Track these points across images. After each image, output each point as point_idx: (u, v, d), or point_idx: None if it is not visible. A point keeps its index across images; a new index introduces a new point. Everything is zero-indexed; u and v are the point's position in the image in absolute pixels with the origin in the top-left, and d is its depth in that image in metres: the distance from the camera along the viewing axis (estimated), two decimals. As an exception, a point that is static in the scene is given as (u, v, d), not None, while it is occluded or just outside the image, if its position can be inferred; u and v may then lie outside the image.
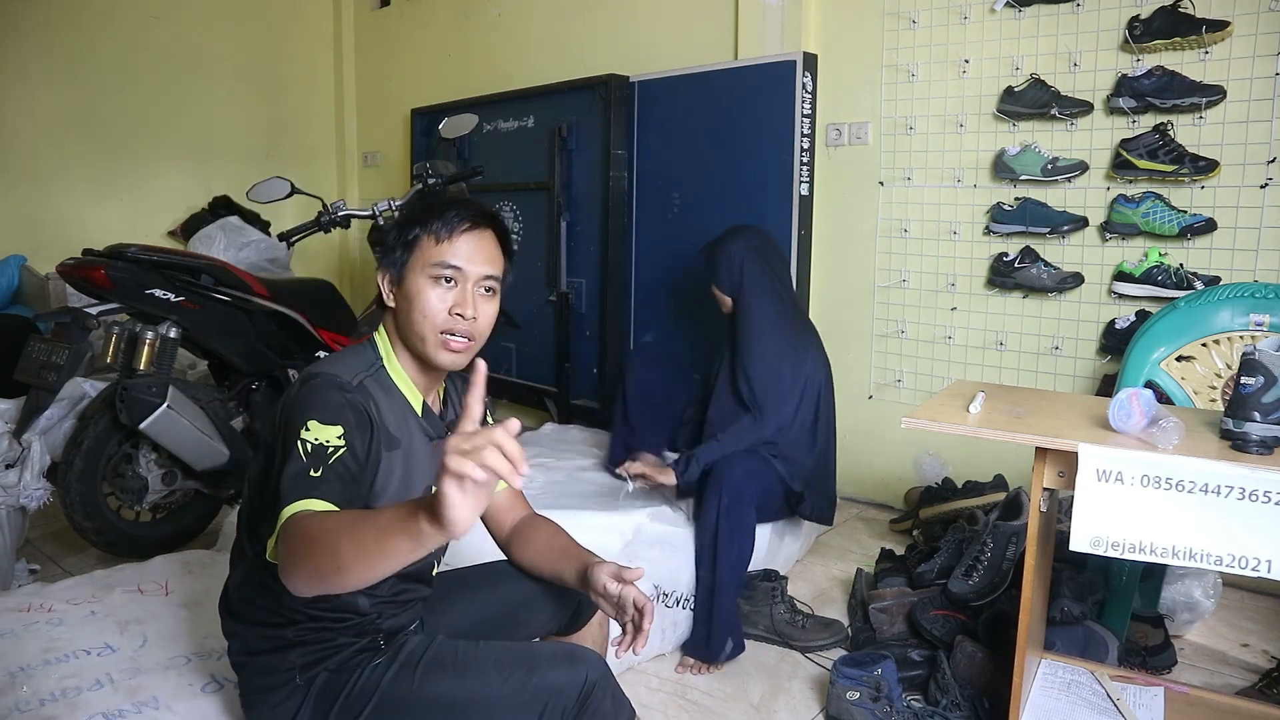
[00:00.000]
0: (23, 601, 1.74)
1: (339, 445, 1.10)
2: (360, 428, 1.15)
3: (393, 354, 1.27)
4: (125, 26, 4.19)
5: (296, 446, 1.09)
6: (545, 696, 1.18)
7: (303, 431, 1.09)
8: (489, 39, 4.26)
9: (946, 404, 1.63)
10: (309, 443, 1.09)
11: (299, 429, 1.10)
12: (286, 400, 1.18)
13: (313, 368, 1.21)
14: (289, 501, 1.05)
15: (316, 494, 1.05)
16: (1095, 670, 1.76)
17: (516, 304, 3.37)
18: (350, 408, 1.14)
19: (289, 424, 1.12)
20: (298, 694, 1.21)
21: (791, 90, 3.02)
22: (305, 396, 1.14)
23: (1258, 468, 1.26)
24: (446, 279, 1.23)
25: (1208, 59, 2.37)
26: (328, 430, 1.10)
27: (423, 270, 1.23)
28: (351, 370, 1.21)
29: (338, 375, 1.18)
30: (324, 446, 1.09)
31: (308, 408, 1.12)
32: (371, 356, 1.26)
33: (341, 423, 1.12)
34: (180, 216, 4.38)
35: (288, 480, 1.07)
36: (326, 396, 1.14)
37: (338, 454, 1.09)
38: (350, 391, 1.16)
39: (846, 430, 3.20)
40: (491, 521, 1.48)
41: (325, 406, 1.13)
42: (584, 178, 3.56)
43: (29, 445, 2.28)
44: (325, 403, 1.13)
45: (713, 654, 2.02)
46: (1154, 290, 2.46)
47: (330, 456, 1.09)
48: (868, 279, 3.09)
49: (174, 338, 2.35)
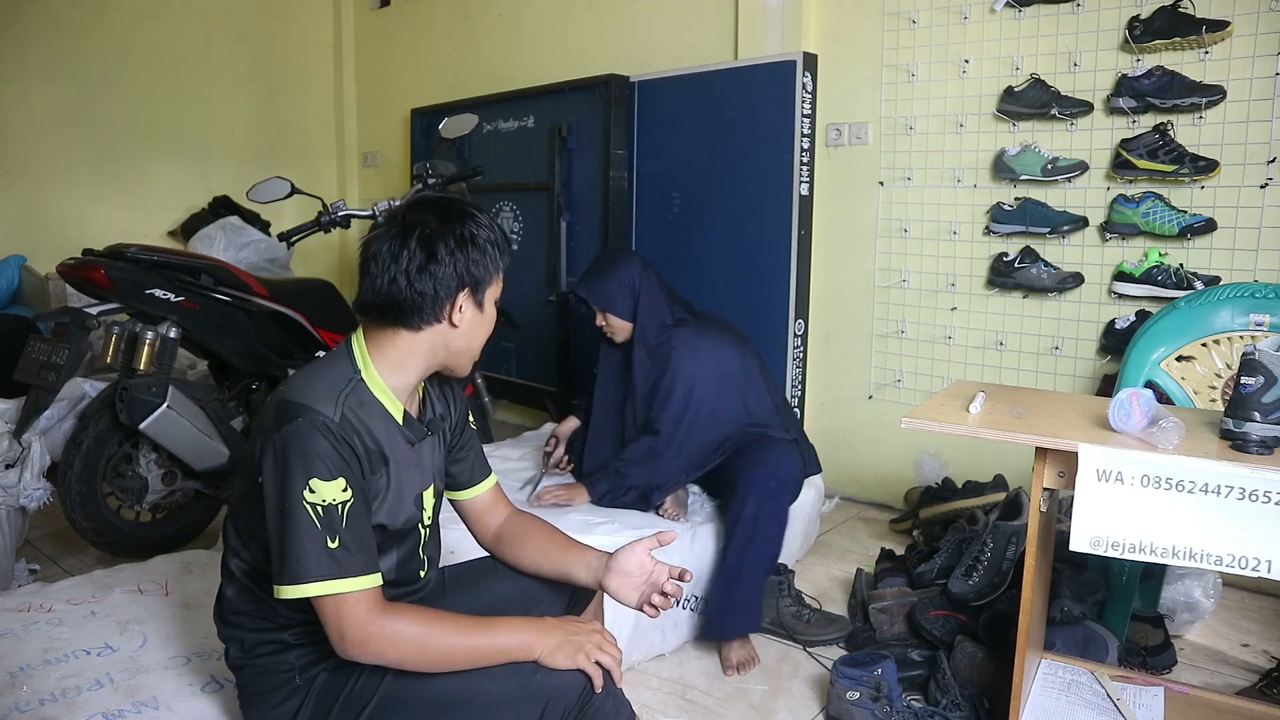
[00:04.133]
0: (23, 601, 1.74)
1: (345, 500, 1.10)
2: (354, 466, 1.14)
3: (370, 364, 1.21)
4: (124, 26, 4.19)
5: (304, 510, 1.07)
6: (546, 695, 1.18)
7: (306, 494, 1.07)
8: (489, 39, 4.26)
9: (946, 404, 1.63)
10: (317, 506, 1.08)
11: (299, 490, 1.07)
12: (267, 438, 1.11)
13: (288, 393, 1.14)
14: (314, 578, 1.08)
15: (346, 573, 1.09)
16: (1095, 670, 1.76)
17: (516, 304, 3.37)
18: (339, 452, 1.11)
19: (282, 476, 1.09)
20: (297, 694, 1.21)
21: (791, 90, 3.02)
22: (294, 446, 1.09)
23: (1258, 468, 1.25)
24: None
25: (1208, 59, 2.37)
26: (331, 487, 1.09)
27: (492, 297, 1.25)
28: (329, 393, 1.14)
29: (317, 411, 1.11)
30: (333, 507, 1.09)
31: (302, 463, 1.08)
32: (348, 370, 1.19)
33: (341, 473, 1.10)
34: (180, 216, 4.38)
35: (302, 550, 1.07)
36: (316, 446, 1.09)
37: (346, 509, 1.10)
38: (334, 431, 1.11)
39: (847, 430, 3.21)
40: (476, 523, 1.46)
41: (319, 459, 1.09)
42: (584, 178, 3.56)
43: (29, 445, 2.27)
44: (317, 454, 1.09)
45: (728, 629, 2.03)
46: (1154, 290, 2.46)
47: (342, 517, 1.09)
48: (868, 279, 3.09)
49: (174, 338, 2.35)
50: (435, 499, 1.35)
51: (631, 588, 1.31)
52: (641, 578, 1.31)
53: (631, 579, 1.31)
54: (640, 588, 1.31)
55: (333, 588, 1.08)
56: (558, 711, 1.18)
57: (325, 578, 1.08)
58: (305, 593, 1.08)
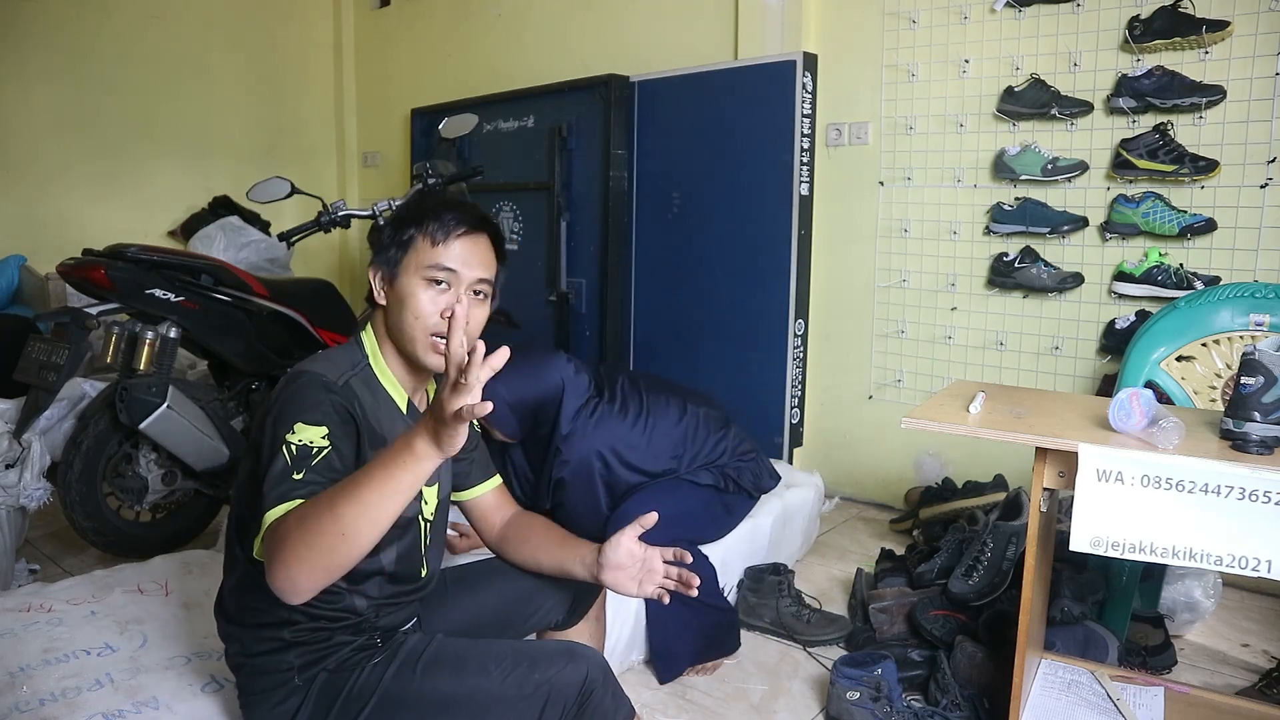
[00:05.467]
0: (23, 601, 1.74)
1: (323, 446, 1.10)
2: (345, 426, 1.15)
3: (379, 353, 1.27)
4: (125, 26, 4.19)
5: (281, 449, 1.08)
6: (546, 693, 1.18)
7: (288, 434, 1.09)
8: (489, 39, 4.26)
9: (946, 404, 1.63)
10: (293, 444, 1.09)
11: (284, 431, 1.10)
12: (272, 399, 1.17)
13: (299, 366, 1.21)
14: (271, 505, 1.05)
15: (298, 495, 1.05)
16: (1095, 670, 1.76)
17: (516, 304, 3.37)
18: (334, 407, 1.14)
19: (275, 423, 1.12)
20: (297, 694, 1.21)
21: (791, 90, 3.02)
22: (290, 396, 1.14)
23: (1258, 468, 1.25)
24: (439, 282, 1.23)
25: (1208, 59, 2.37)
26: (312, 431, 1.10)
27: (416, 272, 1.23)
28: (337, 369, 1.21)
29: (323, 374, 1.17)
30: (308, 448, 1.09)
31: (292, 408, 1.12)
32: (358, 355, 1.26)
33: (326, 423, 1.11)
34: (180, 216, 4.38)
35: (270, 482, 1.07)
36: (311, 396, 1.13)
37: (321, 454, 1.09)
38: (334, 391, 1.16)
39: (847, 430, 3.22)
40: (481, 523, 1.48)
41: (310, 406, 1.12)
42: (584, 178, 3.56)
43: (29, 445, 2.27)
44: (310, 403, 1.13)
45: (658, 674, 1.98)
46: (1154, 290, 2.46)
47: (314, 458, 1.08)
48: (868, 279, 3.09)
49: (174, 338, 2.35)
50: (438, 497, 1.35)
51: (628, 578, 1.32)
52: (634, 567, 1.32)
53: (625, 570, 1.32)
54: (637, 576, 1.32)
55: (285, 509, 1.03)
56: (557, 709, 1.18)
57: (279, 503, 1.04)
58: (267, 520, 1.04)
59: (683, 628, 1.98)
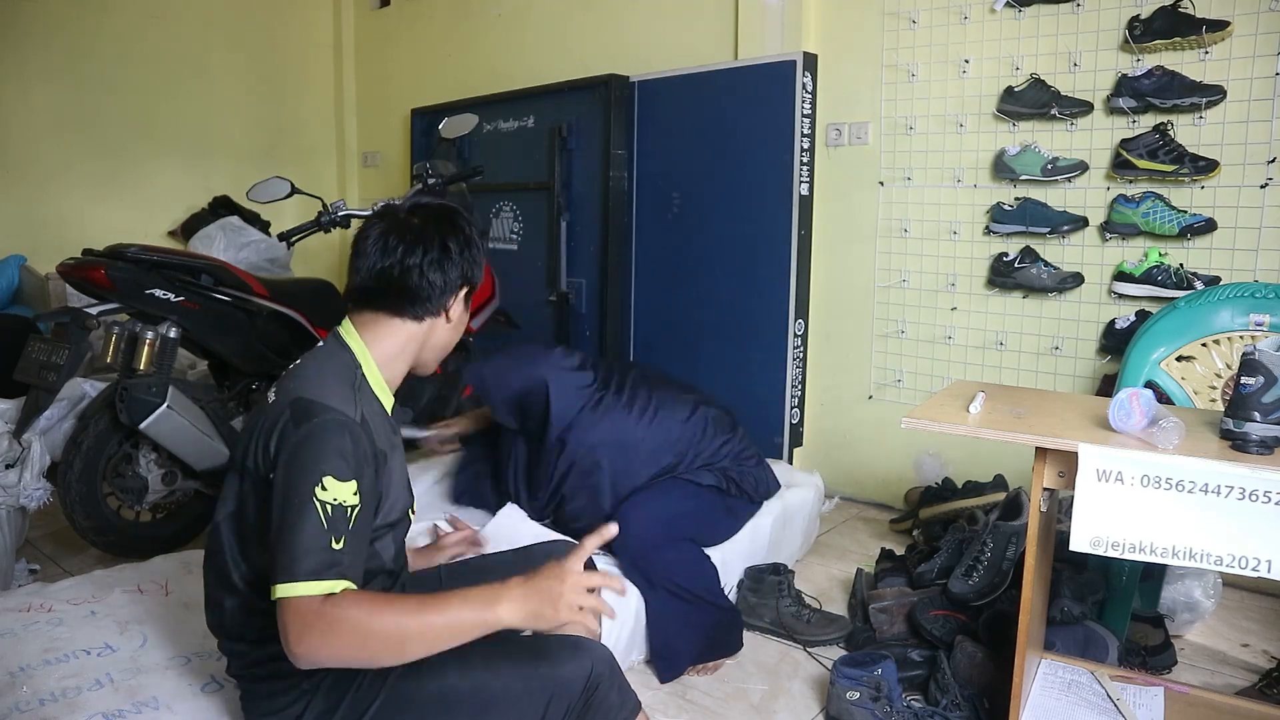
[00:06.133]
0: (23, 601, 1.74)
1: (355, 504, 1.08)
2: (369, 469, 1.12)
3: (369, 355, 1.24)
4: (124, 26, 4.19)
5: (313, 506, 1.04)
6: (551, 688, 1.18)
7: (318, 490, 1.05)
8: (489, 39, 4.26)
9: (946, 404, 1.63)
10: (328, 505, 1.05)
11: (312, 485, 1.05)
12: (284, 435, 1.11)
13: (303, 391, 1.14)
14: (313, 576, 1.02)
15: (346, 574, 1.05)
16: (1095, 670, 1.76)
17: (516, 304, 3.37)
18: (359, 452, 1.11)
19: (296, 471, 1.07)
20: (304, 697, 1.21)
21: (791, 90, 3.02)
22: (314, 442, 1.08)
23: (1258, 468, 1.25)
24: None
25: (1208, 59, 2.37)
26: (344, 488, 1.07)
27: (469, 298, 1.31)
28: (344, 390, 1.16)
29: (340, 411, 1.12)
30: (343, 508, 1.06)
31: (317, 457, 1.07)
32: (350, 361, 1.22)
33: (355, 476, 1.08)
34: (180, 216, 4.38)
35: (306, 546, 1.03)
36: (339, 444, 1.09)
37: (355, 514, 1.07)
38: (358, 433, 1.12)
39: (847, 430, 3.21)
40: None
41: (335, 455, 1.08)
42: (584, 178, 3.56)
43: (29, 445, 2.27)
44: (334, 450, 1.08)
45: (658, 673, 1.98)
46: (1154, 290, 2.46)
47: (350, 520, 1.07)
48: (868, 279, 3.09)
49: (174, 338, 2.35)
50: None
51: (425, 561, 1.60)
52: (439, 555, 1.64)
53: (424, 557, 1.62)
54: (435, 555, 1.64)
55: (328, 587, 1.04)
56: (562, 706, 1.19)
57: (325, 577, 1.03)
58: (302, 590, 1.02)
59: (684, 626, 1.98)
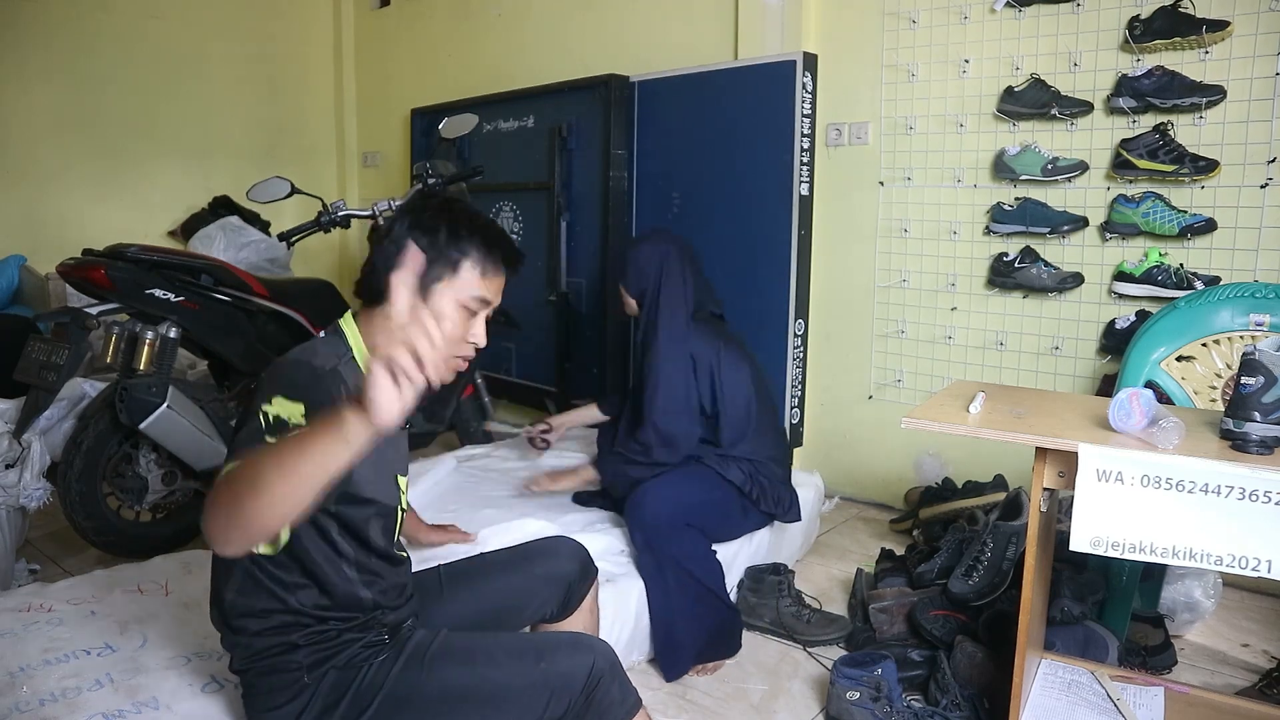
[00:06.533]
0: (23, 601, 1.74)
1: (299, 423, 1.08)
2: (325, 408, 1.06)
3: (363, 345, 1.26)
4: (124, 25, 4.19)
5: (258, 417, 1.07)
6: (552, 683, 1.19)
7: (265, 405, 1.08)
8: (489, 39, 4.26)
9: (946, 404, 1.63)
10: (269, 414, 1.07)
11: (261, 401, 1.09)
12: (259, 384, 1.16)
13: (288, 354, 1.20)
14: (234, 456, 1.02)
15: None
16: (1095, 670, 1.76)
17: (517, 304, 3.36)
18: (317, 388, 1.12)
19: (255, 397, 1.11)
20: (305, 693, 1.21)
21: (791, 90, 3.01)
22: (274, 374, 1.14)
23: (1258, 468, 1.25)
24: (474, 311, 1.26)
25: (1208, 59, 2.37)
26: (291, 406, 1.09)
27: (456, 296, 1.24)
28: (323, 356, 1.20)
29: (309, 360, 1.17)
30: (285, 421, 1.07)
31: (274, 384, 1.12)
32: (341, 348, 1.24)
33: (305, 401, 1.09)
34: (180, 216, 4.38)
35: (240, 441, 1.06)
36: (295, 375, 1.13)
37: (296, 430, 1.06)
38: (321, 375, 1.15)
39: (847, 430, 3.21)
40: None
41: (292, 384, 1.11)
42: (584, 178, 3.56)
43: (29, 445, 2.27)
44: (292, 380, 1.12)
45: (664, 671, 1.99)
46: (1154, 290, 2.46)
47: (289, 431, 1.06)
48: (868, 279, 3.09)
49: (174, 338, 2.35)
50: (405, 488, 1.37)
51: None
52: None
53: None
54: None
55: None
56: (563, 702, 1.19)
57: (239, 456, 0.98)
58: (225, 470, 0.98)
59: (688, 618, 1.98)
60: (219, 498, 0.94)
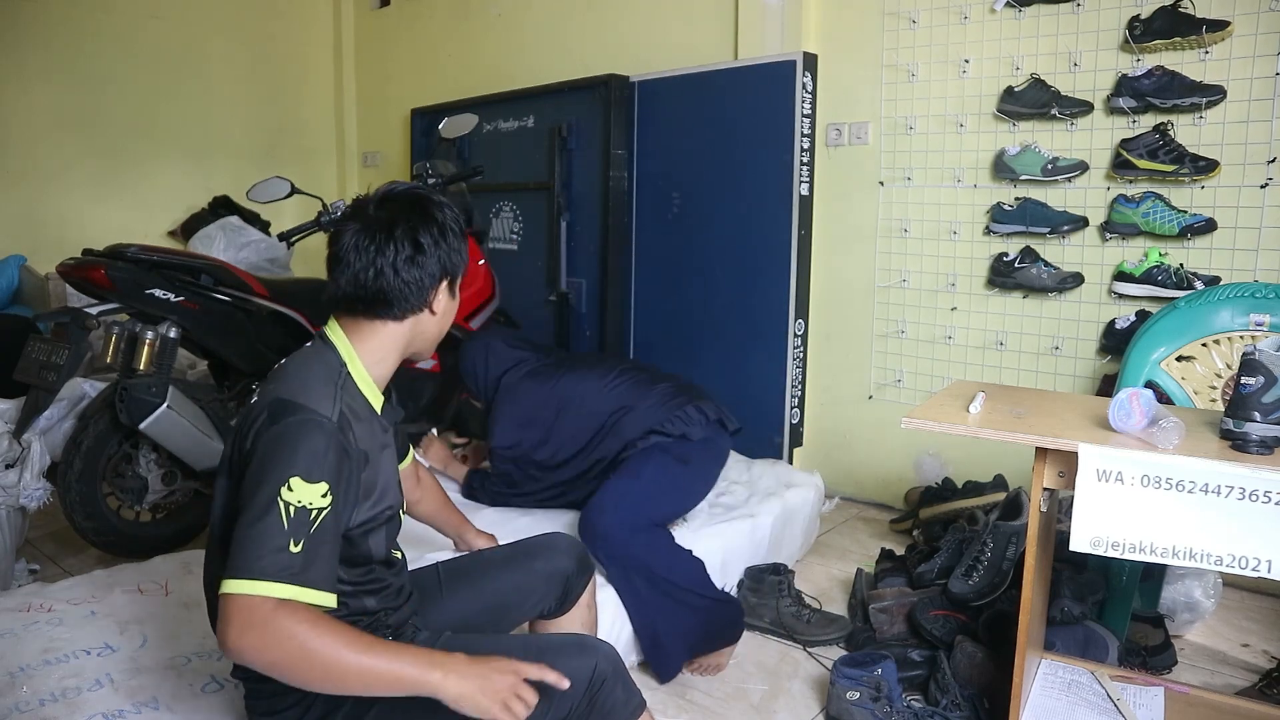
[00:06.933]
0: (23, 601, 1.74)
1: (322, 507, 1.05)
2: (343, 471, 1.10)
3: (355, 355, 1.21)
4: (125, 26, 4.19)
5: (277, 507, 1.02)
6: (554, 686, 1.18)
7: (284, 491, 1.03)
8: (489, 39, 4.26)
9: (946, 404, 1.63)
10: (291, 505, 1.03)
11: (279, 485, 1.03)
12: (259, 432, 1.09)
13: (282, 392, 1.13)
14: (266, 576, 1.00)
15: (302, 580, 1.02)
16: (1095, 670, 1.76)
17: (516, 304, 3.37)
18: (333, 455, 1.08)
19: (268, 468, 1.05)
20: (307, 696, 1.21)
21: (791, 90, 3.01)
22: (286, 441, 1.07)
23: (1258, 468, 1.25)
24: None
25: (1208, 59, 2.37)
26: (311, 490, 1.04)
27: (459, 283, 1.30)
28: (324, 389, 1.14)
29: (316, 411, 1.10)
30: (306, 511, 1.03)
31: (290, 459, 1.05)
32: (335, 361, 1.20)
33: (326, 479, 1.06)
34: (180, 216, 4.38)
35: (264, 544, 1.01)
36: (310, 445, 1.07)
37: (320, 517, 1.05)
38: (330, 432, 1.09)
39: (847, 430, 3.21)
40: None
41: (309, 458, 1.05)
42: (584, 178, 3.56)
43: (29, 445, 2.27)
44: (309, 453, 1.06)
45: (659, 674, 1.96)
46: (1154, 290, 2.46)
47: (313, 523, 1.04)
48: (868, 279, 3.09)
49: (174, 338, 2.35)
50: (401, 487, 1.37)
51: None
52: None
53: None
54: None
55: (283, 591, 1.00)
56: (566, 702, 1.19)
57: (275, 579, 1.00)
58: (255, 590, 0.99)
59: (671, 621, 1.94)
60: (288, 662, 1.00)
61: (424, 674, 1.04)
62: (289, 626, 0.99)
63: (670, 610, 1.94)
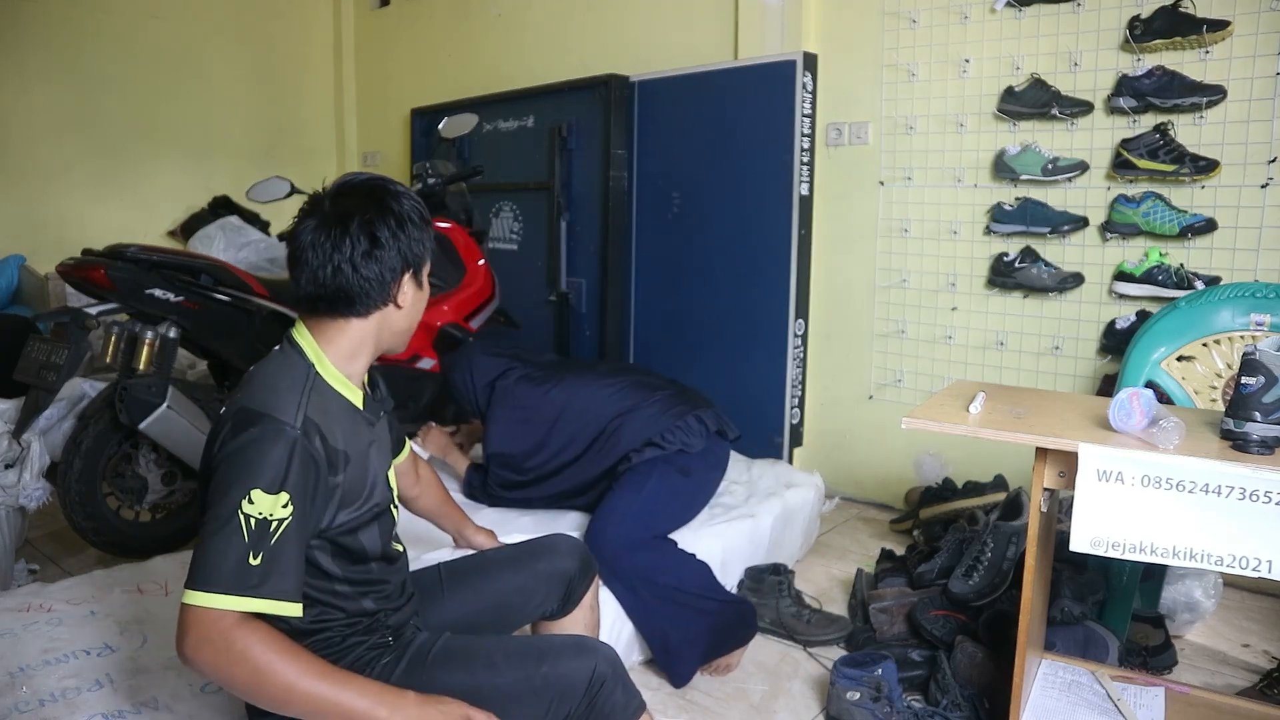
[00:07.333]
0: (23, 601, 1.74)
1: (283, 517, 1.04)
2: (306, 478, 1.08)
3: (323, 355, 1.19)
4: (124, 26, 4.19)
5: (238, 518, 1.01)
6: (554, 686, 1.19)
7: (244, 503, 1.02)
8: (489, 39, 4.26)
9: (946, 404, 1.63)
10: (252, 517, 1.02)
11: (240, 496, 1.02)
12: (224, 443, 1.08)
13: (246, 400, 1.11)
14: (225, 589, 1.00)
15: (262, 593, 1.02)
16: (1096, 670, 1.76)
17: (516, 304, 3.37)
18: (297, 463, 1.06)
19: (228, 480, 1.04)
20: None
21: (791, 90, 3.02)
22: (246, 453, 1.05)
23: (1258, 468, 1.25)
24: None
25: (1208, 59, 2.37)
26: (272, 501, 1.03)
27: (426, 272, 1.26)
28: (289, 395, 1.11)
29: (278, 419, 1.08)
30: (267, 522, 1.03)
31: (250, 470, 1.04)
32: (302, 364, 1.17)
33: (287, 489, 1.04)
34: (180, 216, 4.38)
35: (223, 558, 1.00)
36: (272, 456, 1.05)
37: (281, 528, 1.04)
38: (293, 441, 1.07)
39: (847, 430, 3.21)
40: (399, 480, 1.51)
41: (270, 469, 1.04)
42: (584, 178, 3.56)
43: (29, 445, 2.27)
44: (268, 463, 1.04)
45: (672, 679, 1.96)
46: (1154, 290, 2.46)
47: (274, 534, 1.03)
48: (868, 279, 3.09)
49: (174, 338, 2.35)
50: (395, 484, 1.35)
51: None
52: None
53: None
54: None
55: (243, 604, 1.01)
56: (566, 704, 1.19)
57: (235, 592, 1.00)
58: (214, 603, 0.99)
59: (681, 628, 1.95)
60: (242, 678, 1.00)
61: (371, 710, 1.04)
62: (246, 646, 1.00)
63: (681, 617, 1.95)
